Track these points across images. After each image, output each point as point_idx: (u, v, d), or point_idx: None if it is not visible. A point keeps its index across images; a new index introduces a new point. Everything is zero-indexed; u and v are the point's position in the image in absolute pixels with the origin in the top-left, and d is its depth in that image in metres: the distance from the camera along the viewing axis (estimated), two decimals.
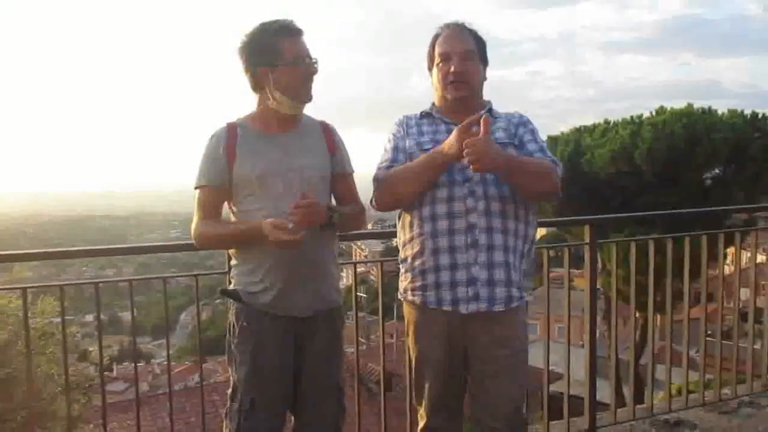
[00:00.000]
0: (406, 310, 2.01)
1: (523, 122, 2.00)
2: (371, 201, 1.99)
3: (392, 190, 1.93)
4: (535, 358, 2.53)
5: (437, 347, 1.91)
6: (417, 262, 1.91)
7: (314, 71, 1.90)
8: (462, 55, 1.91)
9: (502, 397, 1.89)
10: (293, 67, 1.85)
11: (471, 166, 1.74)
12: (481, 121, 1.74)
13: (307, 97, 1.92)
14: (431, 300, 1.89)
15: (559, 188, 1.91)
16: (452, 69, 1.90)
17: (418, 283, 1.91)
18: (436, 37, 1.98)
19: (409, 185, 1.90)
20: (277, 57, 1.84)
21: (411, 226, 1.94)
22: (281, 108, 1.90)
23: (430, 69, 2.00)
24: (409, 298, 1.95)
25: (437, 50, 1.96)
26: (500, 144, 1.85)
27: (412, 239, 1.93)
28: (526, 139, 1.96)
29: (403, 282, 1.98)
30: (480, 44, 1.98)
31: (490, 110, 1.99)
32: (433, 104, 2.02)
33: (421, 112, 2.03)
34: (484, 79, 2.02)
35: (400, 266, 2.00)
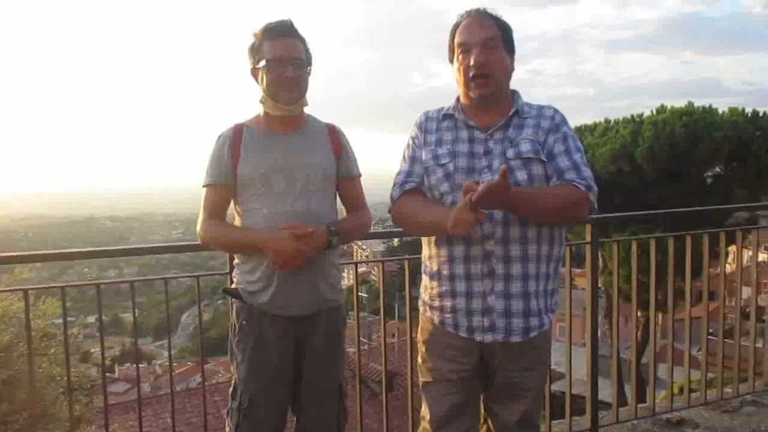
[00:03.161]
0: (423, 318, 1.91)
1: (556, 126, 1.78)
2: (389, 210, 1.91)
3: (403, 223, 1.87)
4: None
5: (451, 361, 1.82)
6: (435, 282, 1.82)
7: (292, 74, 1.87)
8: (483, 43, 1.72)
9: (517, 415, 1.85)
10: (270, 69, 1.87)
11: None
12: (500, 173, 1.51)
13: (288, 100, 1.89)
14: (449, 323, 1.79)
15: (589, 214, 1.76)
16: (472, 61, 1.72)
17: (436, 303, 1.82)
18: (455, 27, 1.79)
19: (416, 228, 1.86)
20: (260, 58, 1.88)
21: (430, 243, 1.84)
22: (266, 108, 1.93)
23: (451, 61, 1.82)
24: (428, 314, 1.87)
25: (457, 40, 1.77)
26: (524, 159, 1.70)
27: (431, 257, 1.84)
28: (557, 151, 1.74)
29: (424, 293, 1.89)
30: (504, 31, 1.77)
31: (517, 111, 1.79)
32: (457, 99, 1.84)
33: (444, 113, 1.85)
34: (512, 69, 1.81)
35: (423, 275, 1.90)
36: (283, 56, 1.86)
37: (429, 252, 1.85)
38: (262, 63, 1.87)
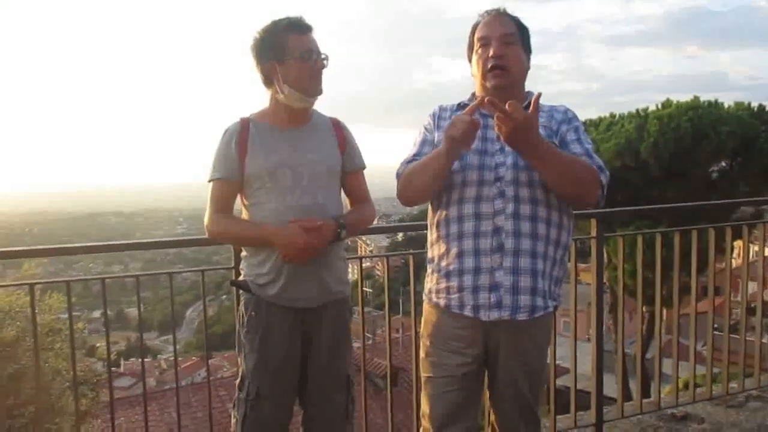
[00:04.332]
0: (427, 310, 1.92)
1: (568, 119, 1.84)
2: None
3: (407, 185, 1.85)
4: None
5: (455, 354, 1.83)
6: (442, 264, 1.81)
7: (321, 66, 1.92)
8: (502, 38, 1.78)
9: (517, 401, 1.85)
10: (300, 62, 1.88)
11: (498, 132, 1.60)
12: (533, 100, 1.58)
13: (315, 92, 1.94)
14: (454, 304, 1.79)
15: (600, 198, 1.76)
16: (491, 53, 1.77)
17: (442, 285, 1.82)
18: (476, 24, 1.86)
19: (419, 178, 1.80)
20: (285, 52, 1.88)
21: (438, 225, 1.84)
22: (290, 102, 1.93)
23: (469, 59, 1.88)
24: (433, 300, 1.87)
25: (477, 35, 1.83)
26: None
27: (438, 239, 1.83)
28: (570, 139, 1.79)
29: (428, 283, 1.89)
30: (522, 31, 1.85)
31: (530, 104, 1.80)
32: (473, 94, 1.90)
33: (459, 103, 1.90)
34: (528, 67, 1.87)
35: (427, 266, 1.91)
36: (314, 49, 1.90)
37: (437, 233, 1.85)
38: (294, 55, 1.87)
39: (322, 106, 2.05)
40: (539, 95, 1.61)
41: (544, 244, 1.76)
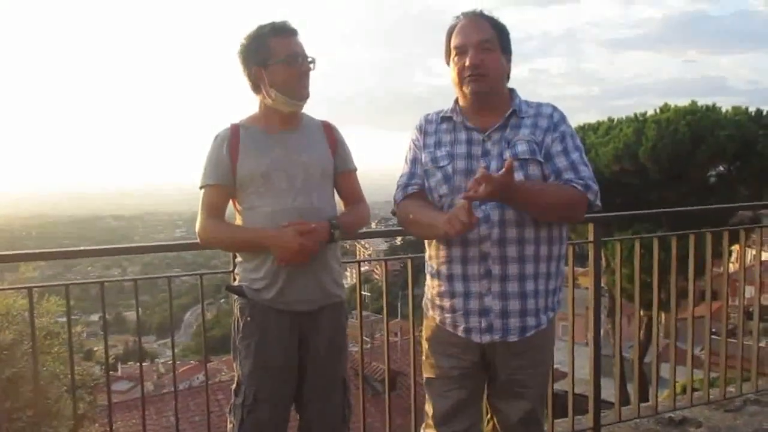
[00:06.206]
0: (427, 316, 1.93)
1: (554, 124, 1.77)
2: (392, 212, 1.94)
3: (406, 227, 1.89)
4: None
5: (451, 357, 1.85)
6: (435, 282, 1.85)
7: (307, 69, 1.93)
8: (478, 45, 1.73)
9: (520, 413, 1.85)
10: (286, 66, 1.89)
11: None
12: (505, 165, 1.55)
13: (303, 95, 1.95)
14: (448, 323, 1.82)
15: (593, 206, 1.76)
16: (467, 62, 1.73)
17: (437, 303, 1.85)
18: (451, 29, 1.80)
19: (417, 230, 1.85)
20: (269, 56, 1.89)
21: (430, 244, 1.87)
22: (277, 106, 1.94)
23: (448, 63, 1.83)
24: (429, 313, 1.90)
25: (453, 43, 1.78)
26: (520, 160, 1.70)
27: (430, 258, 1.87)
28: (555, 151, 1.75)
29: (427, 291, 1.91)
30: (501, 33, 1.79)
31: (514, 111, 1.79)
32: (456, 102, 1.85)
33: (442, 115, 1.86)
34: (508, 70, 1.82)
35: (426, 274, 1.93)
36: (299, 52, 1.91)
37: (429, 252, 1.88)
38: (279, 59, 1.88)
39: (323, 107, 2.05)
40: (511, 162, 1.55)
41: (533, 265, 1.76)
